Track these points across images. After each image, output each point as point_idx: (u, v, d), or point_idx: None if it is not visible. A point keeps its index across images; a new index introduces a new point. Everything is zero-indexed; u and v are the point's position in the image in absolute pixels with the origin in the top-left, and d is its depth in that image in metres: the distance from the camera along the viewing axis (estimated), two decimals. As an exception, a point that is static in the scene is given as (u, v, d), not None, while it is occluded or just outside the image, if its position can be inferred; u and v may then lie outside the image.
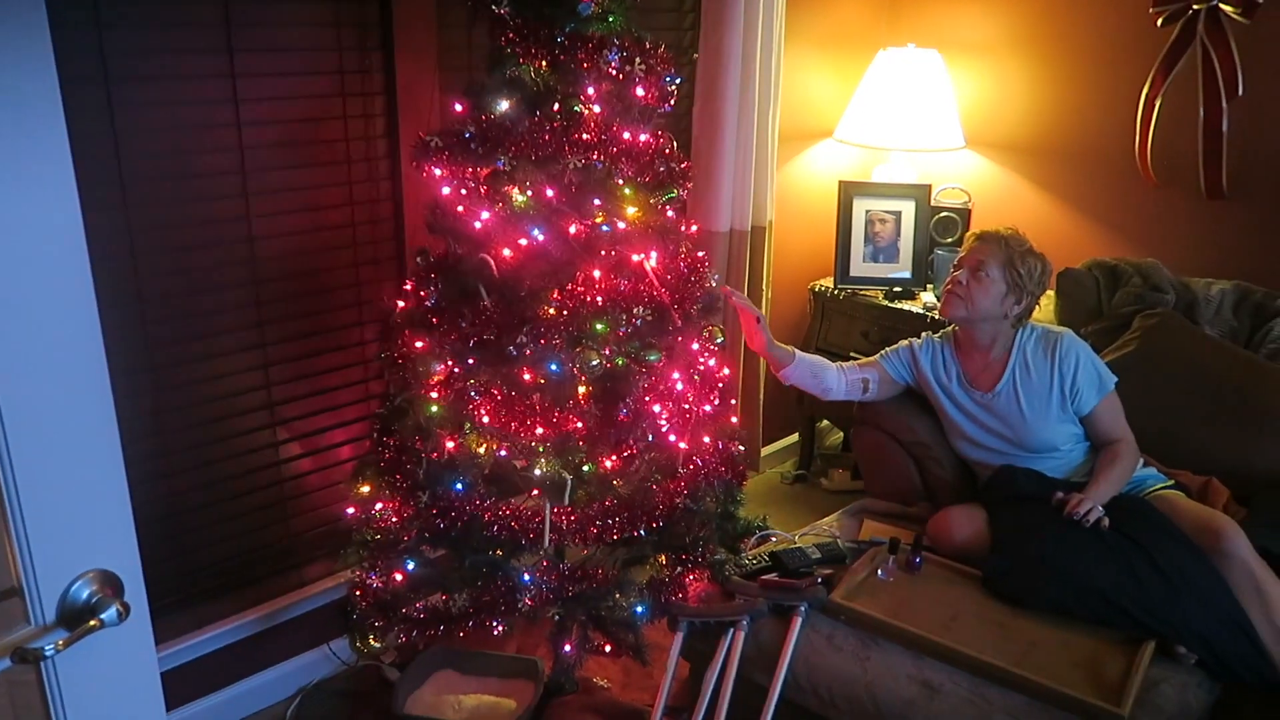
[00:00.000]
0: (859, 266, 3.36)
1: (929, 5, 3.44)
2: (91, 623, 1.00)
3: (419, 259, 2.10)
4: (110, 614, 1.01)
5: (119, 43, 1.88)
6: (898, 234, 3.33)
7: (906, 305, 3.23)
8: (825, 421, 3.71)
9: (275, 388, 2.30)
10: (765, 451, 3.62)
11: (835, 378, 2.46)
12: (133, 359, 2.05)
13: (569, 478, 1.93)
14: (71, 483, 1.00)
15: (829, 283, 3.39)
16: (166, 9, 1.94)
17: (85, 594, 1.02)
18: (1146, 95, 2.93)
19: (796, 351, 2.44)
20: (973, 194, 3.37)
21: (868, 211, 3.33)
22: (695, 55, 2.86)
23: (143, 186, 1.98)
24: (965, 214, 3.32)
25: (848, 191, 3.34)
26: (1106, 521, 2.12)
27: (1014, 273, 2.29)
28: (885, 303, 3.26)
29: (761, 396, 3.31)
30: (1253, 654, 1.95)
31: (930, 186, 3.34)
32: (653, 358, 1.99)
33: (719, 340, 2.16)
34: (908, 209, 3.33)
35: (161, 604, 2.20)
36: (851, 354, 2.60)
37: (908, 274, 3.34)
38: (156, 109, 1.97)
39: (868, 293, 3.33)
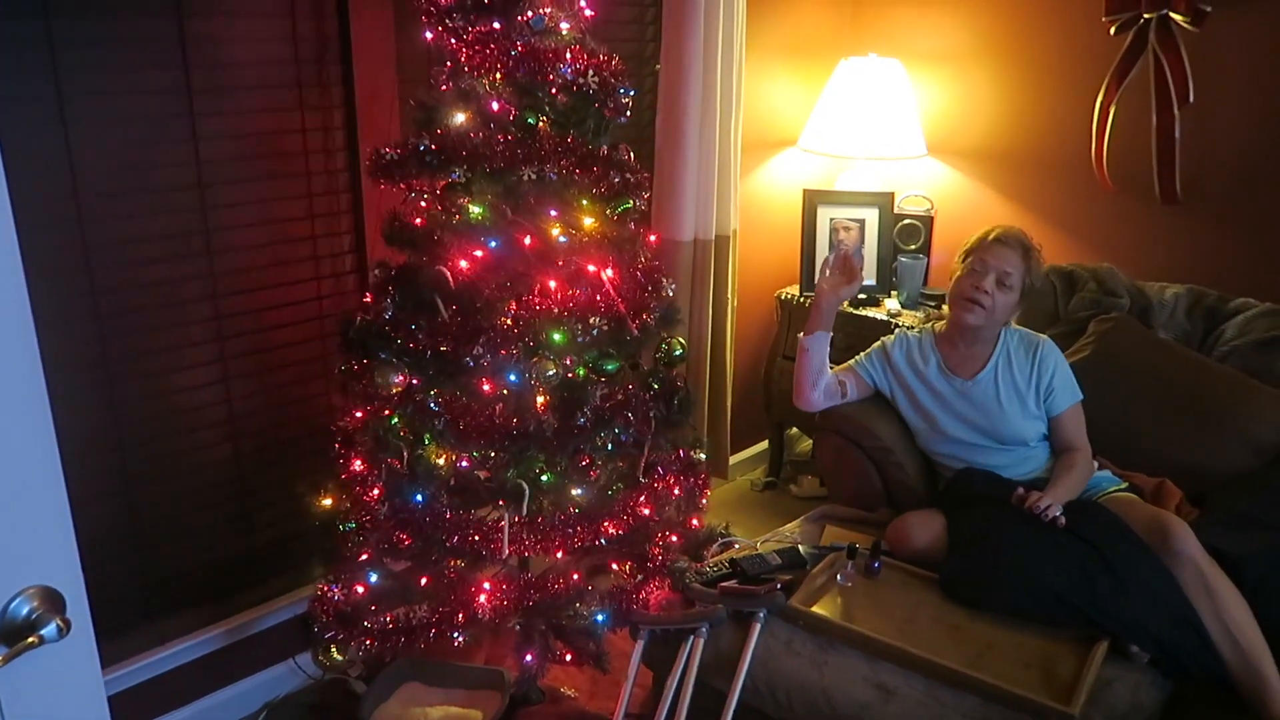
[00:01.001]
0: (824, 274, 3.39)
1: (889, 16, 3.48)
2: (30, 639, 1.00)
3: (377, 271, 2.11)
4: (50, 630, 1.01)
5: (72, 58, 1.87)
6: (862, 242, 3.37)
7: (871, 312, 3.26)
8: (794, 429, 3.74)
9: (236, 401, 2.29)
10: (735, 459, 3.63)
11: (824, 379, 2.48)
12: (91, 374, 2.04)
13: (526, 487, 1.94)
14: (10, 499, 1.00)
15: (795, 290, 3.42)
16: (121, 25, 1.94)
17: (25, 610, 1.01)
18: (1101, 103, 2.97)
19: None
20: (935, 201, 3.41)
21: (831, 219, 3.36)
22: (657, 66, 2.88)
23: (98, 202, 1.98)
24: (928, 221, 3.36)
25: (811, 200, 3.37)
26: (1063, 520, 2.14)
27: (1028, 282, 2.33)
28: (850, 309, 3.29)
29: (729, 405, 3.32)
30: (1202, 651, 1.97)
31: (893, 194, 3.38)
32: (610, 367, 2.01)
33: (677, 352, 2.18)
34: (871, 217, 3.36)
35: (123, 620, 2.20)
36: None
37: (872, 281, 3.37)
38: (112, 124, 1.97)
39: (833, 300, 3.35)
